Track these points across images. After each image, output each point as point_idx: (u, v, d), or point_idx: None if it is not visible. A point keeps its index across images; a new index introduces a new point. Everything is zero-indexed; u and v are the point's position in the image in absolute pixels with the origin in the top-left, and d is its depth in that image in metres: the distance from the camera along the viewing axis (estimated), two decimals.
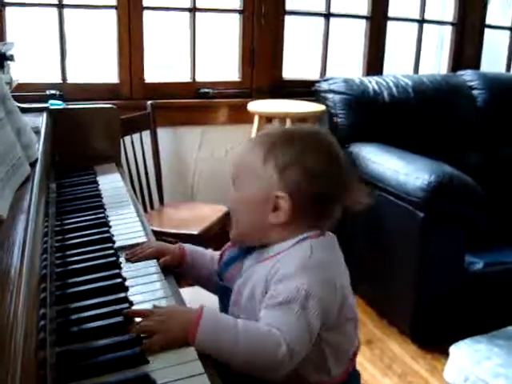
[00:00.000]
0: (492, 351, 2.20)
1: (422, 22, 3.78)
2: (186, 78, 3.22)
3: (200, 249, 1.29)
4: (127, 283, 1.11)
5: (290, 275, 0.98)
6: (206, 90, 3.20)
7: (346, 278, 1.09)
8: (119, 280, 1.10)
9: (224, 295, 1.14)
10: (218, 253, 1.24)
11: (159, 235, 2.39)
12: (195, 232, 2.51)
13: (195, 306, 0.99)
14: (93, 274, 1.13)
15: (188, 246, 1.27)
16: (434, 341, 2.50)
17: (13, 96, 1.49)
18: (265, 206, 1.08)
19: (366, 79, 3.18)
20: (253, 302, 1.04)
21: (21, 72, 2.45)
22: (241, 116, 3.10)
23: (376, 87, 3.10)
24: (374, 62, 3.65)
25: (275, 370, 0.94)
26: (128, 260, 1.22)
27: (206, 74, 3.27)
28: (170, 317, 0.93)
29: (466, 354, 2.21)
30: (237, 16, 3.27)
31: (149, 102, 2.85)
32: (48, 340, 0.85)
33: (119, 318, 0.96)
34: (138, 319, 0.96)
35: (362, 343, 2.42)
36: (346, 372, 1.10)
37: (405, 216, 2.43)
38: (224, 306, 1.14)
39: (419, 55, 3.85)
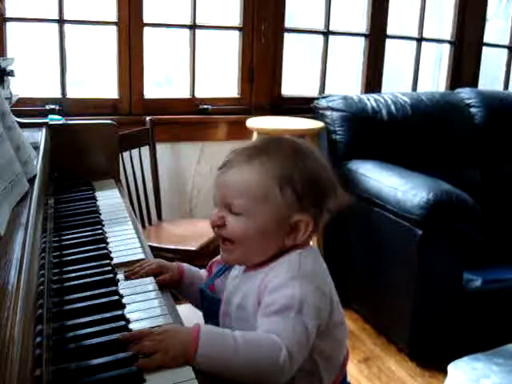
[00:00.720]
0: (491, 369, 2.19)
1: (420, 40, 3.81)
2: (186, 94, 3.23)
3: (196, 269, 1.29)
4: (124, 300, 1.10)
5: (284, 284, 0.99)
6: (206, 106, 3.21)
7: (332, 285, 1.10)
8: (116, 297, 1.10)
9: (211, 305, 1.15)
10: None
11: (157, 251, 2.39)
12: (193, 248, 2.51)
13: (192, 323, 0.98)
14: (90, 290, 1.12)
15: (186, 266, 1.27)
16: (432, 358, 2.49)
17: (12, 110, 1.49)
18: (279, 231, 1.07)
19: (364, 97, 3.20)
20: (243, 312, 1.05)
21: (21, 86, 2.47)
22: (240, 132, 3.11)
23: (374, 105, 3.12)
24: (373, 79, 3.67)
25: (277, 375, 0.93)
26: (127, 278, 1.21)
27: (206, 91, 3.28)
28: (168, 336, 0.93)
29: (464, 372, 2.20)
30: (236, 33, 3.30)
31: (148, 118, 2.86)
32: (44, 357, 0.85)
33: (116, 336, 0.95)
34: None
35: (359, 360, 2.42)
36: (336, 380, 1.10)
37: (403, 233, 2.43)
38: (210, 318, 1.15)
39: (417, 73, 3.87)
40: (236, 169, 1.08)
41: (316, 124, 3.02)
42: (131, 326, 1.00)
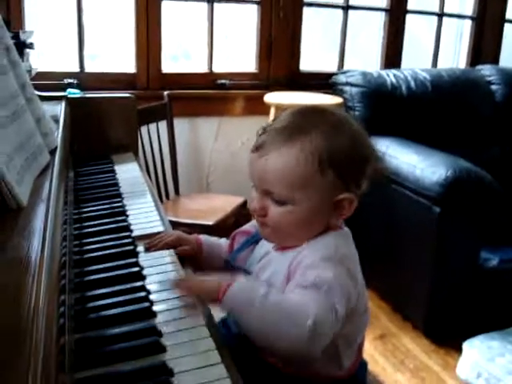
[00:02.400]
0: (506, 348, 2.19)
1: (441, 15, 3.75)
2: (203, 69, 3.21)
3: (215, 239, 1.28)
4: (144, 272, 1.11)
5: (317, 264, 0.96)
6: (223, 81, 3.20)
7: (360, 271, 1.09)
8: (136, 269, 1.11)
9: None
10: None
11: (174, 225, 2.39)
12: (210, 223, 2.52)
13: None
14: (110, 262, 1.13)
15: (204, 237, 1.27)
16: (447, 336, 2.49)
17: (32, 84, 1.50)
18: (324, 213, 1.03)
19: (383, 72, 3.16)
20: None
21: (39, 61, 2.47)
22: (257, 108, 3.09)
23: (394, 80, 3.09)
24: (393, 55, 3.63)
25: (301, 342, 0.89)
26: (147, 249, 1.22)
27: (224, 65, 3.26)
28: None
29: (479, 350, 2.21)
30: (255, 7, 3.26)
31: (165, 93, 2.86)
32: (67, 326, 0.86)
33: (136, 306, 0.96)
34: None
35: (375, 337, 2.43)
36: (355, 363, 1.10)
37: (421, 211, 2.42)
38: None
39: (438, 49, 3.82)
40: (275, 154, 0.98)
41: (334, 100, 2.99)
42: (151, 296, 1.01)
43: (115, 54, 3.13)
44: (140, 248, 1.23)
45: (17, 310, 0.65)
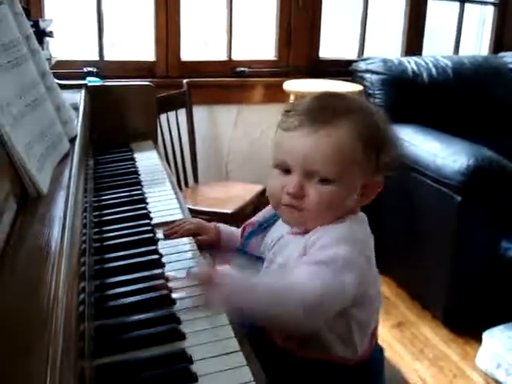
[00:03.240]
0: None
1: (463, 1, 3.69)
2: (223, 57, 3.20)
3: (233, 229, 1.28)
4: (163, 260, 1.11)
5: (331, 244, 0.96)
6: (242, 69, 3.19)
7: (374, 256, 1.08)
8: (156, 256, 1.11)
9: (250, 265, 1.12)
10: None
11: (193, 213, 2.40)
12: (229, 211, 2.52)
13: None
14: (129, 249, 1.14)
15: (222, 226, 1.27)
16: (466, 326, 2.47)
17: (52, 73, 1.50)
18: (355, 194, 1.02)
19: (404, 59, 3.13)
20: (284, 269, 1.02)
21: (59, 49, 2.47)
22: (277, 95, 3.08)
23: (415, 68, 3.05)
24: (414, 41, 3.59)
25: (300, 314, 0.89)
26: (166, 236, 1.23)
27: (243, 53, 3.25)
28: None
29: (499, 340, 2.19)
30: None
31: (185, 81, 2.85)
32: (87, 313, 0.87)
33: (155, 294, 0.97)
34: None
35: (393, 325, 2.42)
36: (369, 348, 1.10)
37: (441, 199, 2.39)
38: None
39: (460, 36, 3.77)
40: (323, 132, 0.96)
41: (354, 87, 2.97)
42: (170, 284, 1.02)
43: (135, 42, 3.13)
44: (159, 235, 1.23)
45: (36, 297, 0.66)
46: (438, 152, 2.45)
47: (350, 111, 0.99)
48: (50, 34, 1.84)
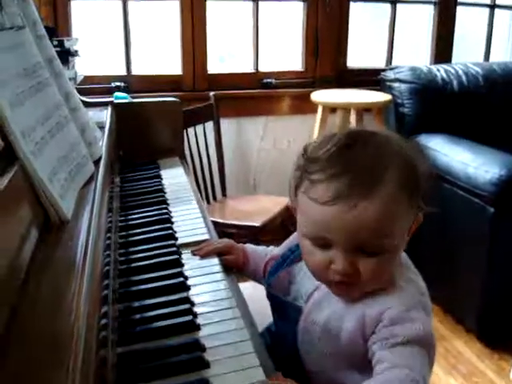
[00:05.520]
0: None
1: (493, 6, 3.64)
2: (249, 69, 3.20)
3: (261, 249, 1.24)
4: (189, 282, 1.10)
5: (403, 316, 0.86)
6: (269, 80, 3.18)
7: None
8: (181, 279, 1.10)
9: (276, 305, 1.07)
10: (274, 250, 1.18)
11: (221, 227, 2.40)
12: (257, 224, 2.50)
13: (256, 301, 0.98)
14: (155, 271, 1.13)
15: (250, 248, 1.24)
16: (501, 340, 2.42)
17: (78, 89, 1.50)
18: (405, 245, 0.94)
19: (433, 67, 3.08)
20: (330, 336, 0.94)
21: (87, 65, 2.50)
22: (304, 106, 3.06)
23: (444, 75, 3.01)
24: (443, 49, 3.54)
25: None
26: (195, 254, 1.22)
27: (269, 64, 3.24)
28: None
29: None
30: (300, 4, 3.23)
31: (211, 93, 2.85)
32: (110, 339, 0.86)
33: (181, 319, 0.95)
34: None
35: None
36: None
37: (474, 211, 2.34)
38: (279, 316, 1.07)
39: (490, 42, 3.71)
40: (364, 203, 0.84)
41: (383, 97, 2.94)
42: (196, 309, 1.00)
43: (162, 57, 3.15)
44: (185, 256, 1.22)
45: (55, 324, 0.65)
46: (469, 162, 2.40)
47: (387, 163, 0.87)
48: (76, 53, 1.85)
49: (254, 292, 1.22)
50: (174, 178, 1.73)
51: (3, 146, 0.84)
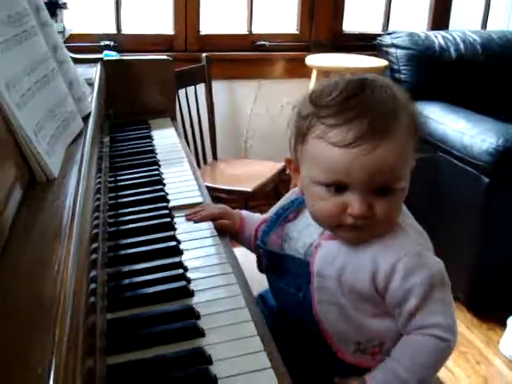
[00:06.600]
0: None
1: None
2: (242, 30, 3.12)
3: (256, 216, 1.19)
4: (182, 246, 1.06)
5: (413, 265, 0.91)
6: (263, 43, 3.10)
7: None
8: (174, 243, 1.05)
9: (275, 262, 1.04)
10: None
11: (212, 191, 2.35)
12: (249, 189, 2.46)
13: (246, 268, 0.97)
14: (147, 235, 1.09)
15: (246, 214, 1.20)
16: (490, 310, 2.41)
17: (66, 46, 1.43)
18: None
19: (431, 34, 3.02)
20: (354, 289, 0.94)
21: (75, 22, 2.41)
22: (298, 70, 2.99)
23: (442, 42, 2.94)
24: (441, 15, 3.46)
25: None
26: (189, 219, 1.17)
27: (263, 26, 3.16)
28: None
29: None
30: None
31: (204, 55, 2.77)
32: (99, 305, 0.81)
33: (174, 285, 0.91)
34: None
35: None
36: None
37: (468, 180, 2.31)
38: (276, 273, 1.04)
39: (488, 10, 3.64)
40: (386, 143, 0.85)
41: (379, 62, 2.87)
42: (189, 274, 0.96)
43: (153, 16, 3.06)
44: (178, 220, 1.17)
45: (43, 288, 0.61)
46: (465, 131, 2.35)
47: (398, 106, 0.89)
48: (64, 6, 1.77)
49: (246, 257, 1.17)
50: (166, 139, 1.67)
51: None
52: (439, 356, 0.92)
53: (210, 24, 3.06)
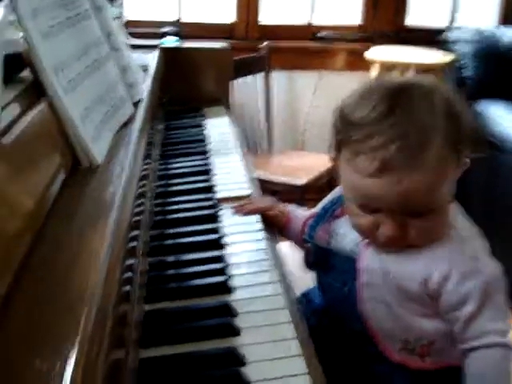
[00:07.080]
0: None
1: None
2: (304, 21, 3.07)
3: (302, 211, 1.17)
4: (226, 240, 1.03)
5: (466, 272, 0.88)
6: (324, 34, 3.04)
7: None
8: (217, 236, 1.03)
9: (324, 257, 1.01)
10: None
11: (265, 183, 2.32)
12: (302, 182, 2.42)
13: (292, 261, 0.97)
14: (190, 225, 1.07)
15: (292, 209, 1.17)
16: None
17: (124, 32, 1.43)
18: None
19: (499, 30, 2.89)
20: (404, 295, 0.92)
21: (137, 9, 2.42)
22: (359, 62, 2.92)
23: (511, 39, 2.82)
24: (510, 11, 3.31)
25: None
26: (236, 213, 1.15)
27: (325, 17, 3.10)
28: None
29: None
30: None
31: (265, 43, 2.74)
32: (137, 295, 0.80)
33: (213, 279, 0.89)
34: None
35: None
36: None
37: None
38: (322, 269, 1.02)
39: None
40: (416, 173, 0.80)
41: (444, 57, 2.77)
42: (230, 269, 0.94)
43: (214, 4, 3.05)
44: (224, 211, 1.15)
45: (74, 272, 0.61)
46: None
47: (433, 123, 0.82)
48: None
49: (291, 257, 1.14)
50: (219, 128, 1.65)
51: (33, 80, 0.78)
52: (509, 365, 0.87)
53: (270, 14, 3.03)
